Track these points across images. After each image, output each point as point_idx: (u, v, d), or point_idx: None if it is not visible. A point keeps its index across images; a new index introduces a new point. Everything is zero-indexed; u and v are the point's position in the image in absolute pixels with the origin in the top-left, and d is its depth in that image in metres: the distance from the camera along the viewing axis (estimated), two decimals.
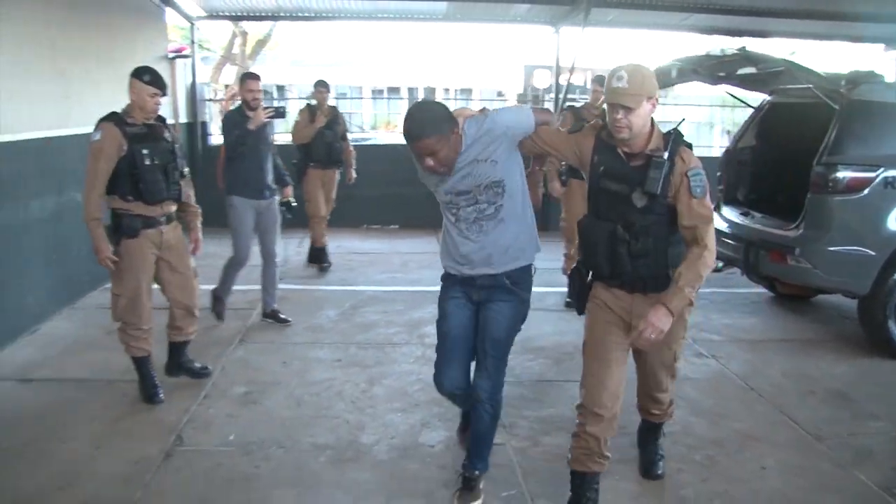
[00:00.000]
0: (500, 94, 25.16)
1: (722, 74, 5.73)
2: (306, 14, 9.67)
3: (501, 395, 3.21)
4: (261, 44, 18.87)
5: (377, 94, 29.02)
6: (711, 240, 2.83)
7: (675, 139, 2.86)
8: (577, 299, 3.22)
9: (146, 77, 3.89)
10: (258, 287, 5.71)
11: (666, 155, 2.81)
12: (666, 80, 6.03)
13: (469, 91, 27.68)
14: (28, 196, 5.36)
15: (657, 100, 2.80)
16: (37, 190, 5.47)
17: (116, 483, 3.36)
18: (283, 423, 4.02)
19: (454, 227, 3.06)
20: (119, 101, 4.00)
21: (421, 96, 26.71)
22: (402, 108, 25.95)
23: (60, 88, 5.90)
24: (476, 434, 3.25)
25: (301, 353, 5.12)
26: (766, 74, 5.36)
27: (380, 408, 4.22)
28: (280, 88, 25.01)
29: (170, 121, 4.24)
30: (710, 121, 23.81)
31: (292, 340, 5.39)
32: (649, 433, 3.59)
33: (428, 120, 2.82)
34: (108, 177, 3.88)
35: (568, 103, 9.05)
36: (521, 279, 3.11)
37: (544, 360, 4.98)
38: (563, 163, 5.80)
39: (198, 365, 4.52)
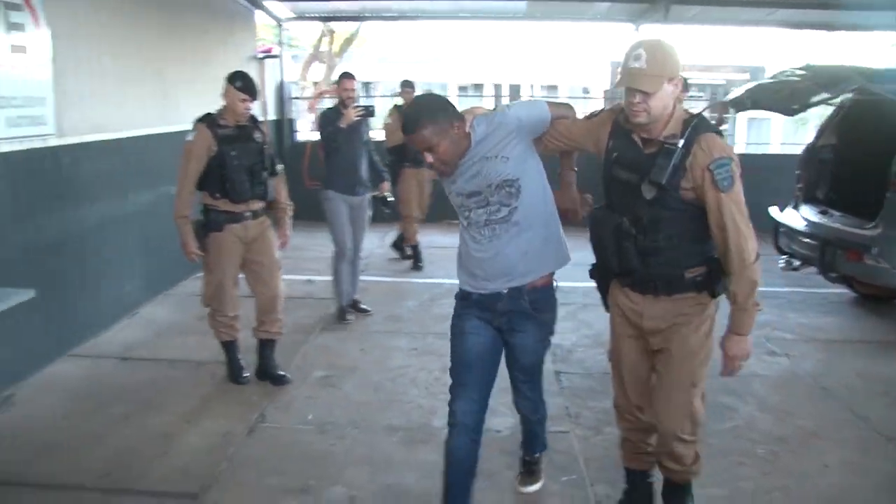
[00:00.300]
0: (585, 90, 24.96)
1: (796, 107, 5.65)
2: (390, 14, 9.93)
3: (544, 401, 3.21)
4: (348, 41, 19.29)
5: (462, 90, 29.20)
6: (747, 238, 2.49)
7: (695, 125, 2.50)
8: (601, 296, 2.98)
9: (238, 83, 4.10)
10: None
11: (681, 142, 2.47)
12: (742, 107, 6.00)
13: (555, 88, 27.55)
14: (128, 190, 5.75)
15: (680, 80, 2.50)
16: (136, 184, 5.86)
17: (204, 454, 3.64)
18: (358, 405, 4.24)
19: (467, 231, 2.81)
20: (211, 99, 4.26)
21: (506, 93, 26.80)
22: (487, 105, 26.03)
23: (159, 89, 6.28)
24: (528, 432, 3.29)
25: (379, 341, 5.34)
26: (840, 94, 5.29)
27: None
28: (367, 85, 25.45)
29: (259, 118, 4.46)
30: (803, 116, 23.11)
31: (371, 329, 5.61)
32: (671, 495, 3.10)
33: (424, 111, 2.63)
34: (198, 176, 4.13)
35: None
36: (543, 303, 2.85)
37: None
38: None
39: (281, 373, 4.58)
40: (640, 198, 2.57)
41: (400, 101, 7.51)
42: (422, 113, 2.61)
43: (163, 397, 4.29)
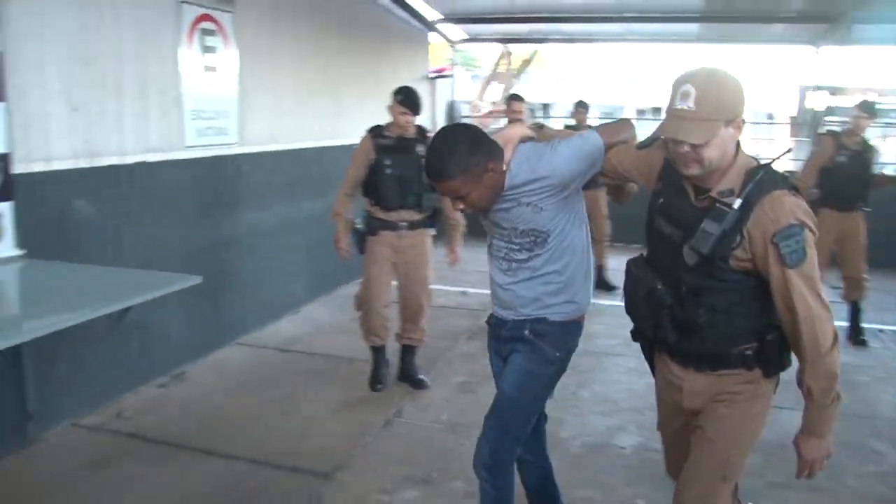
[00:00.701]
0: (770, 116, 23.84)
1: None
2: (560, 37, 10.10)
3: (505, 465, 2.61)
4: (526, 62, 19.55)
5: (640, 114, 28.70)
6: (822, 320, 1.96)
7: (760, 179, 1.96)
8: (646, 361, 2.50)
9: (399, 97, 4.35)
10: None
11: (738, 203, 1.96)
12: None
13: None
14: (300, 198, 6.25)
15: (742, 121, 1.98)
16: (307, 193, 6.35)
17: (341, 439, 3.96)
18: None
19: (489, 252, 2.59)
20: (382, 115, 4.54)
21: None
22: None
23: (333, 105, 6.80)
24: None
25: None
26: None
27: (583, 408, 4.44)
28: (545, 106, 25.59)
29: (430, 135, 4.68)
30: None
31: None
32: None
33: (451, 155, 2.23)
34: (358, 181, 4.43)
35: (828, 127, 8.62)
36: (549, 333, 2.49)
37: None
38: (815, 188, 5.62)
39: (420, 377, 4.75)
40: (682, 260, 2.08)
41: (573, 121, 7.57)
42: (450, 158, 2.24)
43: (313, 387, 4.67)
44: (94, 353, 4.12)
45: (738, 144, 2.02)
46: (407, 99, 4.35)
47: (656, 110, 28.12)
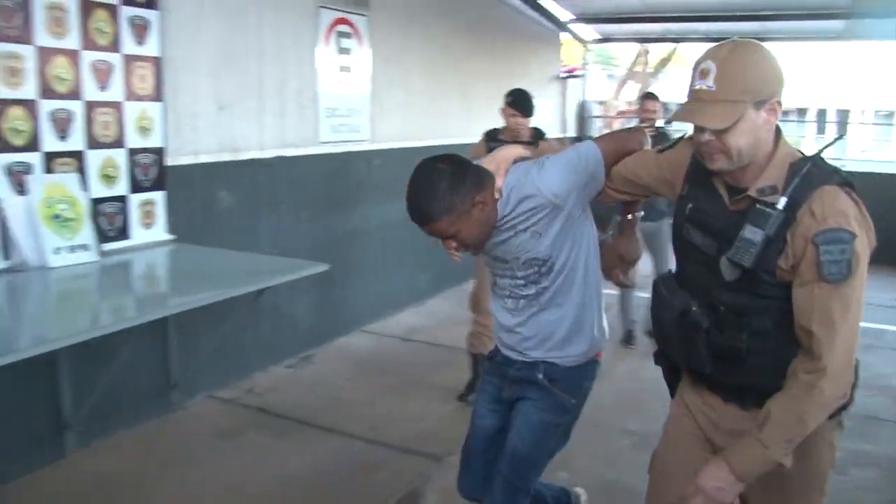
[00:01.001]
0: None
1: None
2: (696, 36, 9.87)
3: None
4: (664, 61, 19.17)
5: (784, 115, 27.16)
6: (838, 359, 1.59)
7: (806, 173, 1.63)
8: (669, 389, 2.17)
9: (509, 98, 4.40)
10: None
11: (783, 201, 1.62)
12: None
13: (889, 115, 24.83)
14: None
15: (778, 103, 1.66)
16: None
17: (454, 426, 4.03)
18: (602, 408, 4.37)
19: (493, 290, 2.37)
20: None
21: (832, 118, 24.76)
22: (807, 131, 24.21)
23: (463, 104, 6.99)
24: None
25: (635, 357, 5.45)
26: None
27: None
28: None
29: (558, 135, 4.66)
30: None
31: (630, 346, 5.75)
32: None
33: (432, 196, 2.00)
34: None
35: None
36: (565, 377, 2.27)
37: (884, 398, 4.69)
38: None
39: None
40: (719, 275, 1.73)
41: None
42: (430, 200, 2.01)
43: (431, 374, 4.88)
44: (230, 333, 4.45)
45: (777, 132, 1.71)
46: (516, 101, 4.36)
47: (801, 111, 26.86)
